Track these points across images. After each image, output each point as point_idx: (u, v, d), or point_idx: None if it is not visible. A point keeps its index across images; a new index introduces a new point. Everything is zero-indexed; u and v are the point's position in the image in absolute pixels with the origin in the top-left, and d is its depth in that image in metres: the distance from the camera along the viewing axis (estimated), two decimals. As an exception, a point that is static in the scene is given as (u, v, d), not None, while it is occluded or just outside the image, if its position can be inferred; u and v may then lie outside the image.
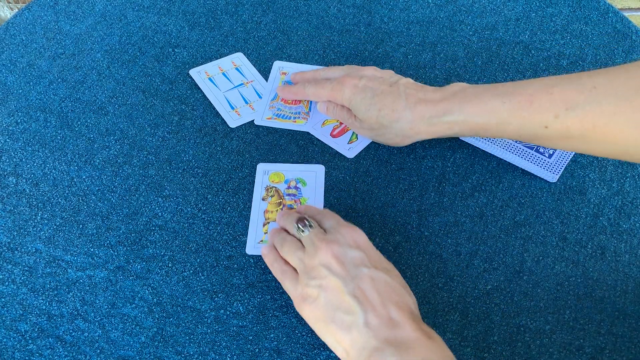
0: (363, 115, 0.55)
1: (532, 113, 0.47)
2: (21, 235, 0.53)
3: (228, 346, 0.47)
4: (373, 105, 0.53)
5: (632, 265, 0.51)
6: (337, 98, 0.57)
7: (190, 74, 0.65)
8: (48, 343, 0.47)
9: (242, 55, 0.67)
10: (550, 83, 0.47)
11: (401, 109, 0.52)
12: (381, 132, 0.55)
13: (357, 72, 0.57)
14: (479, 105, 0.50)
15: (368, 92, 0.54)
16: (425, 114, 0.52)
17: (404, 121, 0.52)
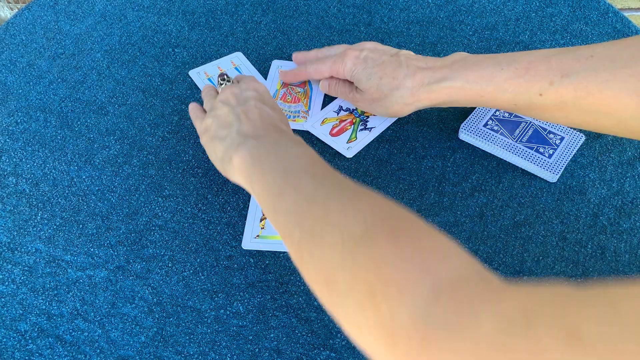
0: (364, 85, 0.55)
1: (528, 80, 0.48)
2: (21, 235, 0.53)
3: (228, 346, 0.47)
4: (374, 74, 0.54)
5: (632, 265, 0.50)
6: (339, 71, 0.57)
7: (189, 74, 0.65)
8: (48, 343, 0.47)
9: (241, 55, 0.67)
10: (549, 53, 0.48)
11: (401, 77, 0.53)
12: (382, 102, 0.55)
13: (358, 45, 0.58)
14: (477, 71, 0.50)
15: (369, 62, 0.55)
16: (424, 80, 0.52)
17: (404, 88, 0.53)
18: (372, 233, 0.33)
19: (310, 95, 0.63)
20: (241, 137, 0.47)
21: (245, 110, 0.50)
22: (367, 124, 0.60)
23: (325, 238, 0.35)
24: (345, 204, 0.37)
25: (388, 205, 0.36)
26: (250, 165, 0.45)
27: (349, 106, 0.61)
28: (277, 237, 0.52)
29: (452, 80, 0.51)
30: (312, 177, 0.41)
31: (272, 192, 0.42)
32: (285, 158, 0.44)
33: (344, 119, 0.60)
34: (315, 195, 0.39)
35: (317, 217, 0.37)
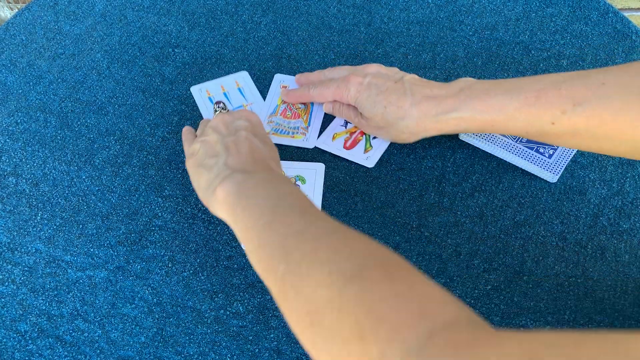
0: (369, 113, 0.54)
1: (539, 109, 0.47)
2: (21, 235, 0.53)
3: (228, 346, 0.47)
4: (378, 102, 0.53)
5: (632, 265, 0.51)
6: (342, 97, 0.56)
7: (191, 90, 0.63)
8: (48, 343, 0.47)
9: (246, 75, 0.65)
10: (558, 79, 0.47)
11: (407, 106, 0.52)
12: (388, 130, 0.55)
13: (361, 70, 0.57)
14: (485, 101, 0.49)
15: (373, 89, 0.54)
16: (431, 111, 0.51)
17: (410, 118, 0.52)
18: (365, 272, 0.31)
19: (310, 111, 0.62)
20: (228, 170, 0.46)
21: (235, 141, 0.49)
22: None
23: (313, 275, 0.33)
24: (336, 243, 0.35)
25: (382, 250, 0.35)
26: (235, 198, 0.43)
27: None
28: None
29: (460, 111, 0.50)
30: (302, 214, 0.39)
31: (257, 225, 0.40)
32: (274, 194, 0.42)
33: (354, 131, 0.60)
34: (305, 232, 0.37)
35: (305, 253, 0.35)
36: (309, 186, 0.55)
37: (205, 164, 0.48)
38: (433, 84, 0.53)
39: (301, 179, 0.56)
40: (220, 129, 0.51)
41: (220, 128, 0.51)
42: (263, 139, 0.51)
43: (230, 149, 0.48)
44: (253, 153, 0.48)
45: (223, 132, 0.50)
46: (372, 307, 0.29)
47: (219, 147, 0.48)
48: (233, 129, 0.50)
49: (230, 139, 0.49)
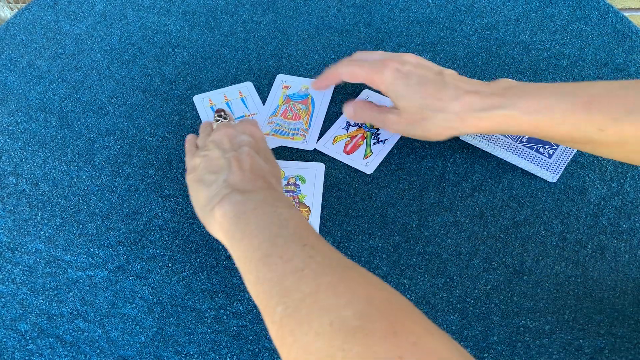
0: (404, 103, 0.51)
1: (589, 114, 0.44)
2: (21, 235, 0.53)
3: (228, 346, 0.47)
4: (417, 92, 0.50)
5: (632, 265, 0.51)
6: (374, 80, 0.52)
7: (193, 100, 0.63)
8: (48, 343, 0.47)
9: (250, 85, 0.64)
10: (612, 87, 0.45)
11: (447, 99, 0.49)
12: (422, 124, 0.51)
13: (398, 57, 0.53)
14: (533, 101, 0.46)
15: (412, 78, 0.50)
16: (474, 105, 0.48)
17: (450, 112, 0.49)
18: (368, 325, 0.30)
19: (311, 112, 0.62)
20: (227, 188, 0.44)
21: (238, 158, 0.47)
22: (379, 137, 0.59)
23: (313, 324, 0.31)
24: (337, 284, 0.34)
25: (384, 291, 0.33)
26: (233, 221, 0.42)
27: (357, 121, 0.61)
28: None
29: (506, 109, 0.47)
30: (302, 246, 0.38)
31: (254, 258, 0.38)
32: (272, 220, 0.41)
33: (355, 135, 0.59)
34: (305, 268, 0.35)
35: (305, 296, 0.33)
36: (309, 186, 0.56)
37: (205, 180, 0.47)
38: (474, 81, 0.51)
39: (301, 178, 0.56)
40: (224, 144, 0.50)
41: (223, 143, 0.50)
42: (265, 156, 0.50)
43: (232, 166, 0.46)
44: (254, 170, 0.46)
45: (225, 147, 0.49)
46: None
47: (222, 162, 0.47)
48: (236, 144, 0.49)
49: (232, 154, 0.48)
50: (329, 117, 0.61)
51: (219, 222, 0.43)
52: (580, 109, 0.45)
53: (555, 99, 0.46)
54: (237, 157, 0.47)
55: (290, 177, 0.56)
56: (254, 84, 0.65)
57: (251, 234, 0.40)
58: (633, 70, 0.65)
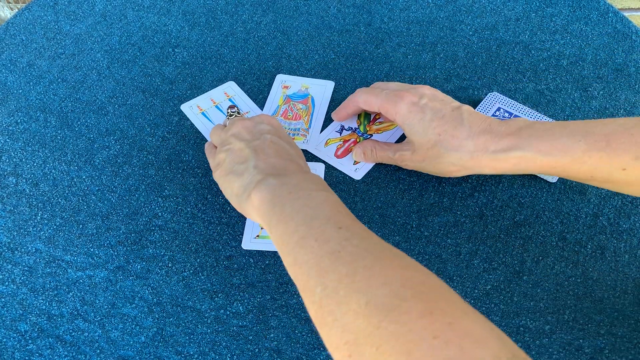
0: (419, 138, 0.50)
1: (609, 154, 0.43)
2: (21, 235, 0.53)
3: (228, 346, 0.47)
4: (432, 128, 0.49)
5: (632, 265, 0.51)
6: (388, 111, 0.52)
7: (182, 109, 0.62)
8: (48, 343, 0.47)
9: (234, 85, 0.64)
10: (629, 124, 0.44)
11: (463, 137, 0.48)
12: (435, 161, 0.50)
13: (415, 89, 0.52)
14: (550, 141, 0.46)
15: (428, 112, 0.49)
16: (489, 146, 0.47)
17: (465, 151, 0.48)
18: (403, 305, 0.30)
19: (312, 112, 0.62)
20: (260, 174, 0.45)
21: (262, 145, 0.48)
22: None
23: (351, 304, 0.32)
24: (373, 266, 0.34)
25: (419, 273, 0.34)
26: (270, 206, 0.42)
27: (351, 125, 0.60)
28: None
29: (522, 150, 0.46)
30: (337, 228, 0.38)
31: (291, 241, 0.39)
32: (308, 204, 0.41)
33: (348, 139, 0.59)
34: (342, 250, 0.36)
35: (341, 277, 0.34)
36: None
37: (235, 171, 0.47)
38: (491, 119, 0.49)
39: None
40: (244, 136, 0.50)
41: (243, 134, 0.50)
42: (287, 141, 0.50)
43: (258, 153, 0.47)
44: (280, 155, 0.47)
45: (247, 138, 0.49)
46: (411, 350, 0.28)
47: (247, 151, 0.48)
48: (257, 133, 0.50)
49: (255, 143, 0.48)
50: (329, 117, 0.61)
51: (256, 208, 0.44)
52: (600, 148, 0.44)
53: (574, 139, 0.45)
54: (260, 144, 0.48)
55: None
56: (254, 84, 0.65)
57: (288, 217, 0.41)
58: (633, 70, 0.65)
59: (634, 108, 0.61)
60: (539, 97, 0.63)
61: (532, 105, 0.62)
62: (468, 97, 0.63)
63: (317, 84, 0.64)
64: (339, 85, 0.64)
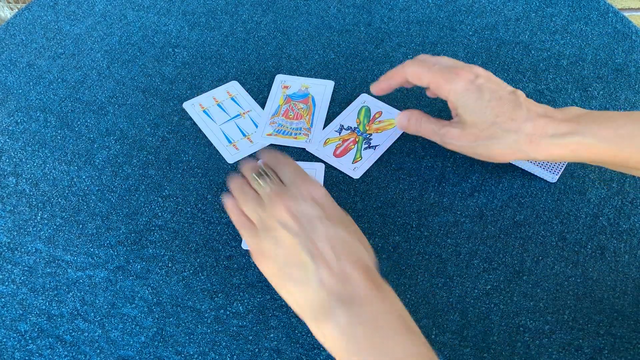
0: (474, 118, 0.48)
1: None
2: (21, 235, 0.53)
3: (228, 346, 0.47)
4: (489, 109, 0.47)
5: (632, 265, 0.51)
6: (442, 87, 0.49)
7: (183, 107, 0.62)
8: (48, 343, 0.47)
9: (237, 84, 0.64)
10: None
11: (521, 120, 0.46)
12: (488, 143, 0.48)
13: (469, 67, 0.50)
14: (611, 128, 0.44)
15: (486, 93, 0.47)
16: (548, 130, 0.45)
17: (522, 133, 0.46)
18: None
19: (312, 112, 0.62)
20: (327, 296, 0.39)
21: (318, 246, 0.41)
22: (370, 142, 0.59)
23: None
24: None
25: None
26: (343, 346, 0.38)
27: (350, 124, 0.60)
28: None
29: (582, 136, 0.44)
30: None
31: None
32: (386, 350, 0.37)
33: (347, 138, 0.59)
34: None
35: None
36: None
37: (294, 277, 0.41)
38: (545, 106, 0.48)
39: None
40: (291, 225, 0.42)
41: (289, 223, 0.42)
42: (339, 219, 0.44)
43: (318, 260, 0.40)
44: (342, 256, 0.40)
45: (295, 229, 0.42)
46: None
47: (302, 254, 0.41)
48: (305, 221, 0.42)
49: (309, 241, 0.41)
50: (330, 116, 0.61)
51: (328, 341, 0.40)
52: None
53: (637, 125, 0.43)
54: (316, 245, 0.41)
55: None
56: (254, 84, 0.65)
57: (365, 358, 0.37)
58: (633, 70, 0.65)
59: (634, 108, 0.61)
60: (539, 97, 0.63)
61: (532, 105, 0.62)
62: (468, 97, 0.63)
63: (317, 84, 0.64)
64: (339, 85, 0.64)
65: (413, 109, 0.54)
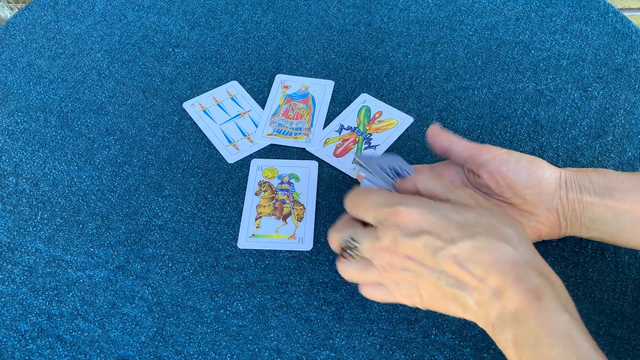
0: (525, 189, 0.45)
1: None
2: (21, 235, 0.53)
3: (228, 346, 0.47)
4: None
5: (632, 266, 0.51)
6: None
7: (184, 106, 0.62)
8: (48, 343, 0.47)
9: (237, 84, 0.64)
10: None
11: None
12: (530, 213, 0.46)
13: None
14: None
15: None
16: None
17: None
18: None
19: (312, 111, 0.62)
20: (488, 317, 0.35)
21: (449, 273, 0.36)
22: (370, 142, 0.59)
23: None
24: None
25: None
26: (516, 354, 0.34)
27: (350, 124, 0.61)
28: (273, 236, 0.52)
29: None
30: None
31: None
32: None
33: (347, 138, 0.59)
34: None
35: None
36: (302, 184, 0.56)
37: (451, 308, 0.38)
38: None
39: (295, 177, 0.56)
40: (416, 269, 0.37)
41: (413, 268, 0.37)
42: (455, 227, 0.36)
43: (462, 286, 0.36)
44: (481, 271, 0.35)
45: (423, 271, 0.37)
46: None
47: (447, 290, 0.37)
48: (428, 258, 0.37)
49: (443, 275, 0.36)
50: (330, 116, 0.61)
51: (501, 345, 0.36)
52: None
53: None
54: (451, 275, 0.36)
55: (284, 175, 0.56)
56: (254, 84, 0.65)
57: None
58: (633, 70, 0.65)
59: (634, 108, 0.61)
60: (539, 97, 0.63)
61: (532, 105, 0.62)
62: (468, 97, 0.63)
63: (317, 84, 0.64)
64: (339, 85, 0.64)
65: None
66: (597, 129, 0.60)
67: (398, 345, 0.47)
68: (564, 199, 0.45)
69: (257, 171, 0.57)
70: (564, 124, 0.60)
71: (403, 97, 0.63)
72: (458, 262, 0.35)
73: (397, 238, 0.37)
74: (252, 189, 0.56)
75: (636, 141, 0.59)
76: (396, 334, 0.47)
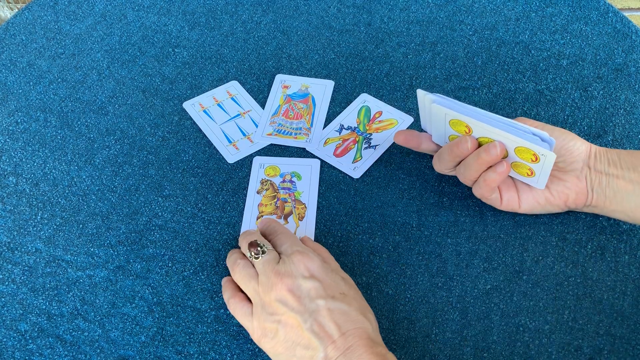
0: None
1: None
2: (21, 235, 0.53)
3: (228, 345, 0.47)
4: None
5: (632, 265, 0.51)
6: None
7: (183, 106, 0.62)
8: (48, 343, 0.47)
9: (237, 84, 0.64)
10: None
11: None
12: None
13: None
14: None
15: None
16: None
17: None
18: None
19: (312, 111, 0.62)
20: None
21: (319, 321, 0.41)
22: (370, 141, 0.59)
23: None
24: None
25: None
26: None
27: (350, 124, 0.61)
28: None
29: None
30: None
31: None
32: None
33: (347, 138, 0.59)
34: None
35: None
36: (304, 182, 0.56)
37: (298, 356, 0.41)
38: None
39: (297, 175, 0.56)
40: (292, 304, 0.42)
41: (290, 302, 0.42)
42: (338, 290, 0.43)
43: (320, 335, 0.40)
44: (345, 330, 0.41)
45: (298, 309, 0.42)
46: None
47: (307, 334, 0.41)
48: (306, 299, 0.42)
49: (313, 321, 0.41)
50: (330, 116, 0.61)
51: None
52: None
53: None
54: (319, 322, 0.41)
55: (286, 173, 0.56)
56: (254, 84, 0.65)
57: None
58: (633, 70, 0.65)
59: (634, 108, 0.61)
60: (539, 97, 0.63)
61: (532, 105, 0.62)
62: (468, 97, 0.63)
63: (317, 84, 0.64)
64: (339, 85, 0.64)
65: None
66: (597, 128, 0.60)
67: (398, 344, 0.47)
68: (592, 170, 0.49)
69: (259, 169, 0.57)
70: (564, 123, 0.60)
71: (403, 97, 0.63)
72: (331, 315, 0.41)
73: (293, 272, 0.43)
74: (254, 187, 0.56)
75: (636, 141, 0.59)
76: (396, 333, 0.47)
